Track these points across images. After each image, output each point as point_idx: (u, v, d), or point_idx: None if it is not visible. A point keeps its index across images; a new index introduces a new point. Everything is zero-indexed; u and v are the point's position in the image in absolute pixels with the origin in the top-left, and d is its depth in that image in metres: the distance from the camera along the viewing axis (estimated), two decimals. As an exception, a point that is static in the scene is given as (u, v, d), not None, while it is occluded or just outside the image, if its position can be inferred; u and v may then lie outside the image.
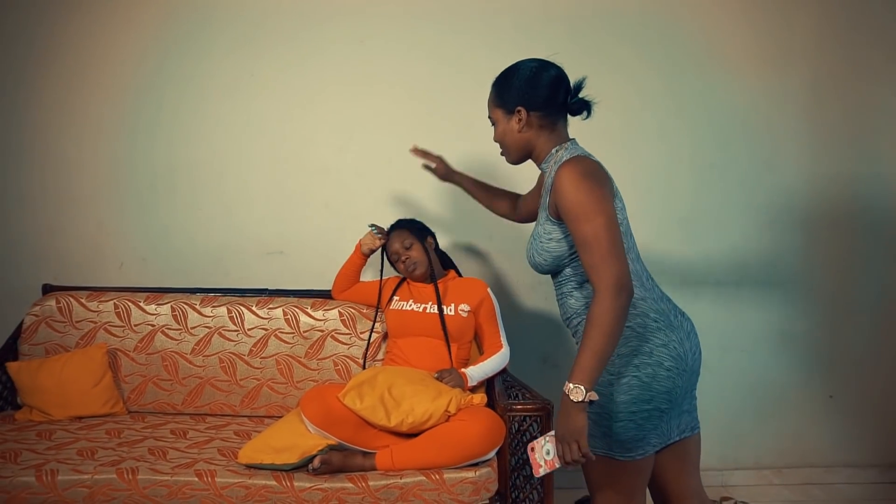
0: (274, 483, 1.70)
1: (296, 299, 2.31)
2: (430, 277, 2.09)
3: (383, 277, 2.19)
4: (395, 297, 2.14)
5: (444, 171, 2.00)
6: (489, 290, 2.12)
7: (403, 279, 2.18)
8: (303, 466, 1.75)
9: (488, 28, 2.40)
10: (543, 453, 1.37)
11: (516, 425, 1.90)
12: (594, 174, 1.36)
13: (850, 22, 2.42)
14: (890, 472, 2.58)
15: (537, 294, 2.50)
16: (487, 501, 1.74)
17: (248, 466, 1.76)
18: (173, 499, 1.70)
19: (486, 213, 2.44)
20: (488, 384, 2.05)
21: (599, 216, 1.30)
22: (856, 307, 2.53)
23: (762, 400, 2.56)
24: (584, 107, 1.46)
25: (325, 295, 2.33)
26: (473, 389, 1.98)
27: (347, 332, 2.24)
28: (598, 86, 1.59)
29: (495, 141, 1.54)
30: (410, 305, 2.08)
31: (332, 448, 1.76)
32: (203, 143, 2.44)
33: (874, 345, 2.55)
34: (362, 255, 2.18)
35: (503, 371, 2.08)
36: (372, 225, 2.16)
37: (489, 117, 1.54)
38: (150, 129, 2.43)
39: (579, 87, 1.46)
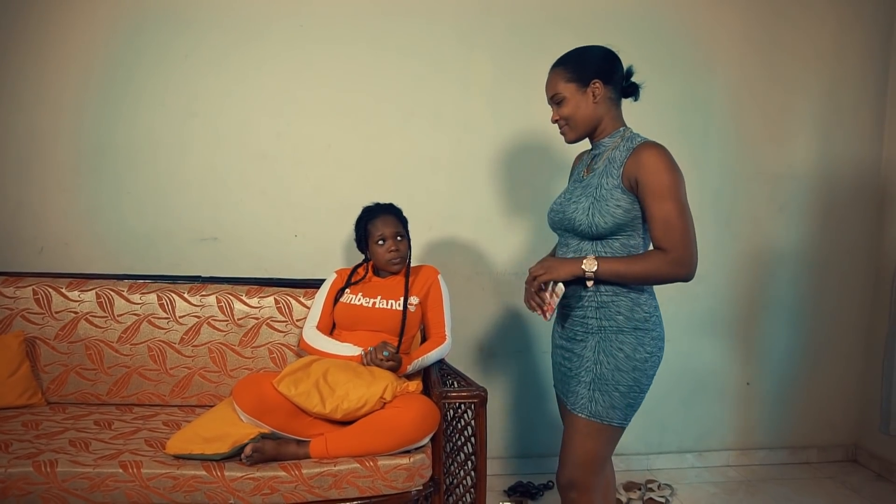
0: (204, 473, 1.66)
1: (230, 286, 2.25)
2: (406, 272, 2.06)
3: (337, 268, 2.14)
4: (346, 290, 2.08)
5: None
6: (440, 276, 2.10)
7: (354, 270, 2.12)
8: (234, 456, 1.72)
9: (430, 15, 2.40)
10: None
11: (451, 412, 1.93)
12: (676, 164, 1.46)
13: (769, 34, 2.57)
14: (800, 453, 2.77)
15: (474, 284, 2.54)
16: (421, 487, 1.76)
17: (177, 457, 1.72)
18: (95, 491, 1.64)
19: (425, 203, 2.46)
20: (424, 372, 2.07)
21: (682, 200, 1.43)
22: (771, 300, 2.70)
23: (685, 388, 2.69)
24: (634, 90, 1.58)
25: (260, 282, 2.29)
26: (409, 376, 1.99)
27: (283, 319, 2.21)
28: (530, 80, 1.62)
29: (560, 118, 1.57)
30: (359, 300, 2.03)
31: (264, 437, 1.74)
32: (134, 123, 2.34)
33: (787, 335, 2.72)
34: (357, 362, 1.94)
35: (440, 360, 2.10)
36: (386, 351, 1.90)
37: (552, 96, 1.56)
38: (76, 107, 2.31)
39: (630, 72, 1.57)
